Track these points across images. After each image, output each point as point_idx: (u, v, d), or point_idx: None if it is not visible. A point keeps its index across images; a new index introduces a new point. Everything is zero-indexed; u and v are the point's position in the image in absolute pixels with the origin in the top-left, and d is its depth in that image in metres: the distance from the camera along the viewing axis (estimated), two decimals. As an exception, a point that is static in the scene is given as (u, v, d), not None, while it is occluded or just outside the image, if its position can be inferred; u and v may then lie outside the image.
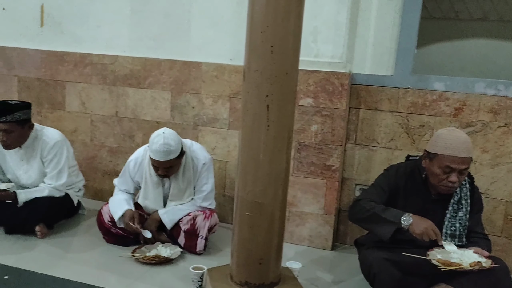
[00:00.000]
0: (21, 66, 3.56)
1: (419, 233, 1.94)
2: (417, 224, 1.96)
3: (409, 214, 2.00)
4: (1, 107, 2.60)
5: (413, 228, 1.95)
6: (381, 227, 2.04)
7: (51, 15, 3.45)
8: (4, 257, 2.47)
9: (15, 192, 2.69)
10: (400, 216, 2.00)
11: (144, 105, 3.32)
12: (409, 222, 1.97)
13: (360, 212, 2.12)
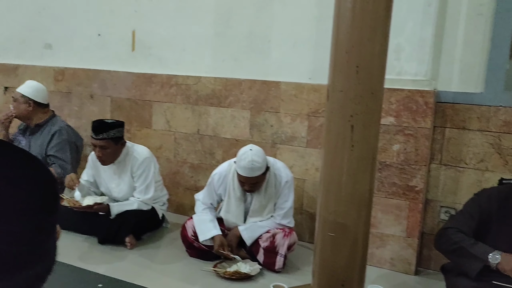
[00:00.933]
0: (114, 88, 3.86)
1: (510, 269, 1.83)
2: (506, 262, 1.86)
3: (498, 252, 1.90)
4: (99, 125, 2.84)
5: (502, 266, 1.86)
6: (468, 262, 1.95)
7: (141, 40, 3.71)
8: (97, 266, 2.65)
9: (108, 204, 2.90)
10: (488, 253, 1.89)
11: (224, 123, 3.44)
12: (497, 261, 1.87)
13: (447, 243, 2.04)
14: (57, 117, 3.45)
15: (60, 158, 3.27)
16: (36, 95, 3.32)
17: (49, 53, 4.14)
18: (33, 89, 3.34)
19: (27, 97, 3.28)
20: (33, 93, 3.31)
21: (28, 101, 3.27)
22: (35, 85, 3.41)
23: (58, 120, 3.43)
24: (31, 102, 3.27)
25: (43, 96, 3.39)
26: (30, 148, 3.34)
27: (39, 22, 4.14)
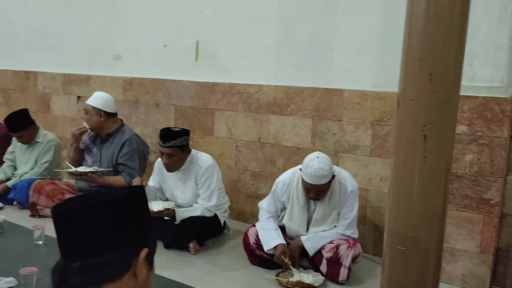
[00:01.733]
0: (178, 96, 3.98)
1: None
2: None
3: None
4: (166, 133, 2.93)
5: None
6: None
7: (205, 50, 3.81)
8: (163, 270, 2.72)
9: (174, 210, 2.98)
10: None
11: (286, 131, 3.43)
12: None
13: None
14: (125, 126, 3.60)
15: (129, 166, 3.41)
16: (106, 106, 3.47)
17: (119, 64, 4.36)
18: (102, 100, 3.49)
19: (98, 109, 3.43)
20: (103, 104, 3.46)
21: (100, 112, 3.43)
22: (103, 96, 3.56)
23: (127, 129, 3.57)
24: (102, 113, 3.43)
25: (112, 106, 3.54)
26: (101, 156, 3.51)
27: (110, 35, 4.37)
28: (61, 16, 4.72)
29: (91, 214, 0.90)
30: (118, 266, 0.91)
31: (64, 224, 0.92)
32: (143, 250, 0.95)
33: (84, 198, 0.98)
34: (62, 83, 4.77)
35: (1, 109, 5.34)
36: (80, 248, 0.90)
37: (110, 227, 0.91)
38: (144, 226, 0.98)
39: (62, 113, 4.81)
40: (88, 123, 3.46)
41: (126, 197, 0.95)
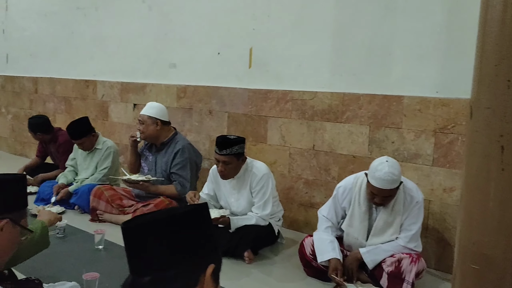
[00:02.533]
0: (231, 104, 4.00)
1: None
2: None
3: None
4: (222, 141, 2.94)
5: None
6: None
7: (258, 57, 3.80)
8: (218, 277, 2.72)
9: (229, 218, 2.98)
10: None
11: (341, 139, 3.35)
12: None
13: None
14: (179, 135, 3.65)
15: (181, 176, 3.47)
16: (161, 115, 3.54)
17: (173, 72, 4.44)
18: (157, 109, 3.56)
19: (154, 118, 3.50)
20: (158, 113, 3.53)
21: (156, 121, 3.50)
22: (157, 105, 3.63)
23: (180, 138, 3.62)
24: (158, 122, 3.50)
25: (166, 115, 3.61)
26: (156, 164, 3.58)
27: (165, 44, 4.47)
28: (119, 27, 4.88)
29: (157, 230, 0.92)
30: (186, 282, 0.92)
31: (132, 239, 0.94)
32: (210, 266, 0.95)
33: (151, 214, 0.99)
34: (119, 91, 4.94)
35: (63, 116, 5.60)
36: (148, 263, 0.91)
37: (177, 242, 0.92)
38: (210, 242, 0.98)
39: (119, 120, 4.97)
40: (145, 133, 3.53)
41: (191, 213, 0.96)
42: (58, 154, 4.46)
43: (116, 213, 3.58)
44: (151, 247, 0.90)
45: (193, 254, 0.92)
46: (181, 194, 3.46)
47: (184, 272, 0.91)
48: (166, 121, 3.59)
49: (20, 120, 6.28)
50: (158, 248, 0.90)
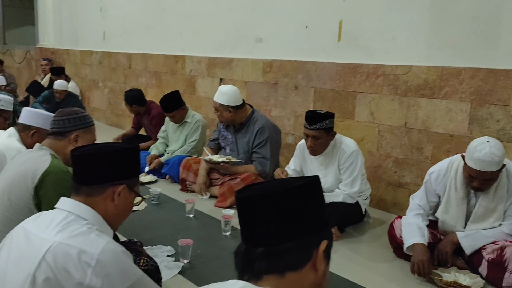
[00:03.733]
0: (318, 78, 3.92)
1: None
2: None
3: None
4: (313, 115, 2.90)
5: None
6: None
7: (348, 30, 3.66)
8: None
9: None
10: None
11: (437, 116, 3.15)
12: None
13: None
14: (256, 113, 3.62)
15: (261, 155, 3.49)
16: (232, 101, 3.50)
17: (260, 47, 4.44)
18: (228, 96, 3.50)
19: (225, 105, 3.50)
20: (229, 99, 3.49)
21: (228, 108, 3.50)
22: (227, 90, 3.54)
23: (258, 115, 3.59)
24: (230, 109, 3.51)
25: (237, 98, 3.54)
26: (237, 144, 3.63)
27: (252, 18, 4.47)
28: (208, 2, 4.97)
29: (273, 201, 0.90)
30: (300, 256, 0.91)
31: (246, 210, 0.93)
32: (323, 242, 0.93)
33: (265, 185, 0.98)
34: (206, 66, 5.06)
35: (154, 90, 5.90)
36: (263, 235, 0.91)
37: (291, 215, 0.90)
38: (323, 218, 0.96)
39: (206, 94, 5.11)
40: (220, 119, 3.60)
41: (306, 186, 0.94)
42: (151, 126, 4.71)
43: (204, 184, 3.72)
44: (266, 219, 0.90)
45: (308, 228, 0.91)
46: (260, 173, 3.49)
47: (298, 246, 0.90)
48: (239, 105, 3.55)
49: (115, 94, 6.72)
50: (273, 220, 0.89)
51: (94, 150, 1.37)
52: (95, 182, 1.33)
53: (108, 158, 1.35)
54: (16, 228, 1.34)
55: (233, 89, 3.57)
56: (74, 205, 1.31)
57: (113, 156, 1.35)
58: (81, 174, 1.35)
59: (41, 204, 1.91)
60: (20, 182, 1.91)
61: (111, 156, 1.35)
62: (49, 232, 1.22)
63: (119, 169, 1.36)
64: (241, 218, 0.94)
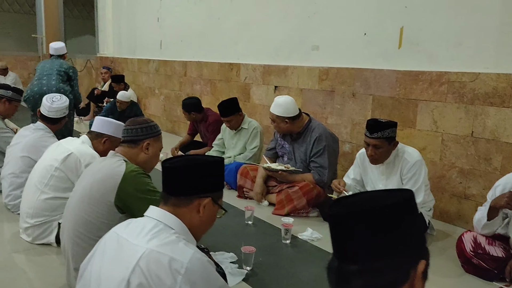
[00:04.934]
0: (377, 86, 3.85)
1: None
2: None
3: None
4: (374, 124, 2.85)
5: None
6: None
7: (410, 36, 3.58)
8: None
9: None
10: None
11: (508, 126, 3.00)
12: None
13: None
14: (313, 122, 3.58)
15: (318, 164, 3.46)
16: (288, 112, 3.47)
17: (316, 54, 4.43)
18: (283, 107, 3.47)
19: (281, 117, 3.48)
20: (285, 111, 3.46)
21: (284, 119, 3.47)
22: (282, 102, 3.50)
23: (315, 124, 3.56)
24: (287, 120, 3.48)
25: (293, 108, 3.50)
26: (294, 153, 3.61)
27: (308, 25, 4.47)
28: (263, 11, 5.02)
29: (368, 219, 0.89)
30: (397, 276, 0.88)
31: (341, 227, 0.92)
32: (421, 262, 0.90)
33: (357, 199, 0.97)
34: (261, 74, 5.11)
35: (208, 98, 6.02)
36: (357, 253, 0.89)
37: (387, 234, 0.88)
38: (420, 236, 0.93)
39: (260, 102, 5.15)
40: (277, 130, 3.61)
41: (403, 203, 0.92)
42: (207, 132, 4.81)
43: (262, 192, 3.74)
44: (360, 236, 0.88)
45: (404, 246, 0.88)
46: (318, 182, 3.46)
47: (394, 265, 0.87)
48: (295, 115, 3.52)
49: (171, 101, 6.92)
50: (368, 238, 0.88)
51: (184, 162, 1.43)
52: (183, 194, 1.38)
53: (197, 171, 1.39)
54: (109, 233, 1.41)
55: (289, 100, 3.54)
56: (163, 214, 1.36)
57: (202, 169, 1.40)
58: (170, 185, 1.40)
59: (123, 206, 2.01)
60: (100, 186, 2.01)
61: (200, 169, 1.40)
62: (141, 239, 1.28)
63: (206, 182, 1.41)
64: (335, 235, 0.93)
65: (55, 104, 3.27)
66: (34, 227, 2.68)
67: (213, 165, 1.44)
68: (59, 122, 3.37)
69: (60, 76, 4.90)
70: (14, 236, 2.85)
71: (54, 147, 2.82)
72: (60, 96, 3.37)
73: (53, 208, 2.66)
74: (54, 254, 2.64)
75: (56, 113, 3.29)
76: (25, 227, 2.72)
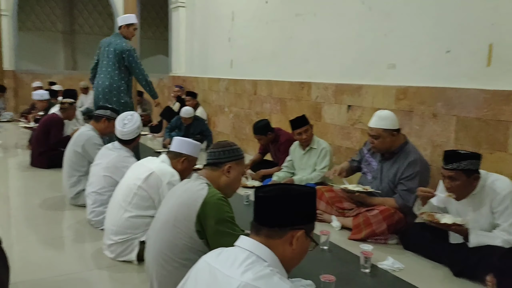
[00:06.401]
0: (461, 106, 3.62)
1: None
2: None
3: None
4: (450, 154, 2.68)
5: None
6: None
7: (500, 53, 3.34)
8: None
9: (467, 229, 2.69)
10: None
11: None
12: None
13: None
14: (409, 144, 3.41)
15: (406, 187, 3.27)
16: (394, 124, 3.34)
17: (392, 73, 4.27)
18: (390, 120, 3.33)
19: (389, 130, 3.32)
20: (391, 123, 3.33)
21: (392, 132, 3.32)
22: (387, 115, 3.39)
23: (411, 147, 3.38)
24: (394, 133, 3.33)
25: (397, 121, 3.39)
26: (381, 173, 3.45)
27: (384, 43, 4.34)
28: (336, 29, 4.96)
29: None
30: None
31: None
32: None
33: None
34: (333, 93, 5.02)
35: (278, 116, 6.02)
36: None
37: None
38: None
39: (332, 121, 5.05)
40: (380, 146, 3.38)
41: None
42: (278, 152, 4.78)
43: (336, 215, 3.63)
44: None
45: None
46: (401, 207, 3.27)
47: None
48: (399, 129, 3.39)
49: (240, 119, 7.01)
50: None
51: (278, 193, 1.38)
52: (276, 225, 1.34)
53: (292, 202, 1.35)
54: (200, 262, 1.40)
55: (391, 113, 3.42)
56: (255, 245, 1.33)
57: (296, 200, 1.36)
58: (263, 215, 1.37)
59: (203, 232, 2.01)
60: (184, 210, 2.03)
61: (295, 200, 1.36)
62: (235, 271, 1.25)
63: (300, 213, 1.36)
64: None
65: (126, 128, 3.37)
66: (117, 244, 2.77)
67: (307, 196, 1.39)
68: (133, 141, 3.49)
69: (114, 66, 4.75)
70: (97, 252, 2.96)
71: (136, 167, 2.91)
72: (131, 117, 3.45)
73: (135, 226, 2.74)
74: (135, 272, 2.71)
75: (129, 135, 3.41)
76: (109, 244, 2.82)
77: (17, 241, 3.16)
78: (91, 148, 3.89)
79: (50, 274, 2.64)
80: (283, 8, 5.89)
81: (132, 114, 3.48)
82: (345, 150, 4.85)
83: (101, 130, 4.03)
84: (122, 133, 3.37)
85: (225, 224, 2.00)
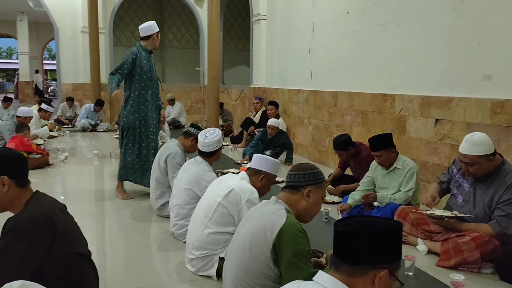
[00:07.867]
0: None
1: None
2: None
3: None
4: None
5: None
6: None
7: None
8: None
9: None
10: None
11: None
12: None
13: None
14: (507, 165, 3.07)
15: (505, 212, 2.94)
16: (490, 148, 3.02)
17: (487, 85, 3.94)
18: (485, 145, 3.02)
19: (485, 155, 3.00)
20: (487, 148, 3.01)
21: (489, 157, 3.01)
22: (481, 138, 3.05)
23: (509, 168, 3.05)
24: (491, 157, 3.02)
25: (492, 143, 3.07)
26: (474, 197, 3.13)
27: (478, 53, 4.02)
28: (423, 39, 4.70)
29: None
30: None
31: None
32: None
33: None
34: (419, 105, 4.75)
35: (359, 129, 5.84)
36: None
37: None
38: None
39: (417, 135, 4.79)
40: (476, 173, 3.07)
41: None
42: (359, 167, 4.63)
43: (422, 238, 3.41)
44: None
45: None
46: (499, 234, 2.94)
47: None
48: (495, 151, 3.06)
49: (319, 131, 6.92)
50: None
51: (361, 228, 1.31)
52: (358, 263, 1.28)
53: (375, 239, 1.27)
54: None
55: (484, 135, 3.08)
56: (334, 284, 1.27)
57: (379, 238, 1.28)
58: (344, 251, 1.31)
59: (278, 260, 1.98)
60: (260, 235, 2.02)
61: (377, 237, 1.28)
62: None
63: (384, 251, 1.28)
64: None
65: (207, 139, 3.50)
66: (198, 259, 2.85)
67: (391, 233, 1.30)
68: (214, 155, 3.58)
69: None
70: (180, 265, 3.07)
71: (216, 183, 2.98)
72: (213, 130, 3.58)
73: (215, 242, 2.79)
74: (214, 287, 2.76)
75: (209, 147, 3.52)
76: (190, 258, 2.91)
77: (109, 250, 3.38)
78: (171, 166, 4.05)
79: (136, 285, 2.78)
80: (365, 18, 5.73)
81: (214, 129, 3.65)
82: (432, 167, 4.55)
83: (187, 147, 4.20)
84: (204, 144, 3.51)
85: (300, 258, 1.95)
